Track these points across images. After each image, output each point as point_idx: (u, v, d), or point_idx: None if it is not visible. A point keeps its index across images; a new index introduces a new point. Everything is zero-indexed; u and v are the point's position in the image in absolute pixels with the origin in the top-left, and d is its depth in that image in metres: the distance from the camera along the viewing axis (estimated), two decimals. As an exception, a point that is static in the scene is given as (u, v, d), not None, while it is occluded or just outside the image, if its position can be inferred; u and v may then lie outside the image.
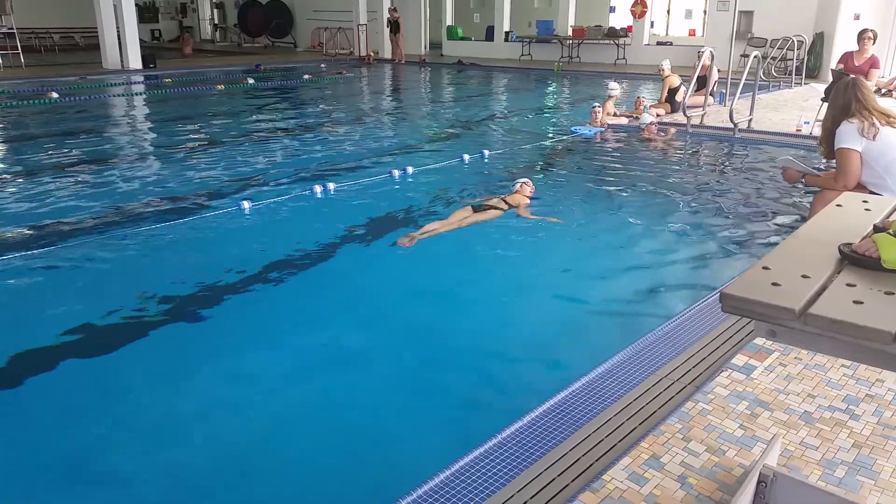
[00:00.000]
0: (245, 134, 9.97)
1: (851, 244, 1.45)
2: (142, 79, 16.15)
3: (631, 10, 19.77)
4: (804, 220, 5.66)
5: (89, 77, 15.66)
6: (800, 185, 6.98)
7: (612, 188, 6.84)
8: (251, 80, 15.69)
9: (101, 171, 7.66)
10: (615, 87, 10.53)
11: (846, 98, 3.81)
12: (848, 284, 1.32)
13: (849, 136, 3.70)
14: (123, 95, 13.93)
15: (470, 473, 2.39)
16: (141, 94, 14.31)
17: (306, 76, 17.22)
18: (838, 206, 1.80)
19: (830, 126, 3.87)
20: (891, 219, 1.60)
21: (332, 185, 6.69)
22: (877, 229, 1.53)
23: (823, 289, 1.31)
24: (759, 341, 3.30)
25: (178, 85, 14.91)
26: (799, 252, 1.49)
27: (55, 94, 12.74)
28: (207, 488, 2.71)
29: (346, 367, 3.59)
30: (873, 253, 1.39)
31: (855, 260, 1.41)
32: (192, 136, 9.77)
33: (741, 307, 1.30)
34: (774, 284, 1.32)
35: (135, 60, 17.27)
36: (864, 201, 1.83)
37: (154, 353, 3.74)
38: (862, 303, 1.24)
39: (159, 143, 9.53)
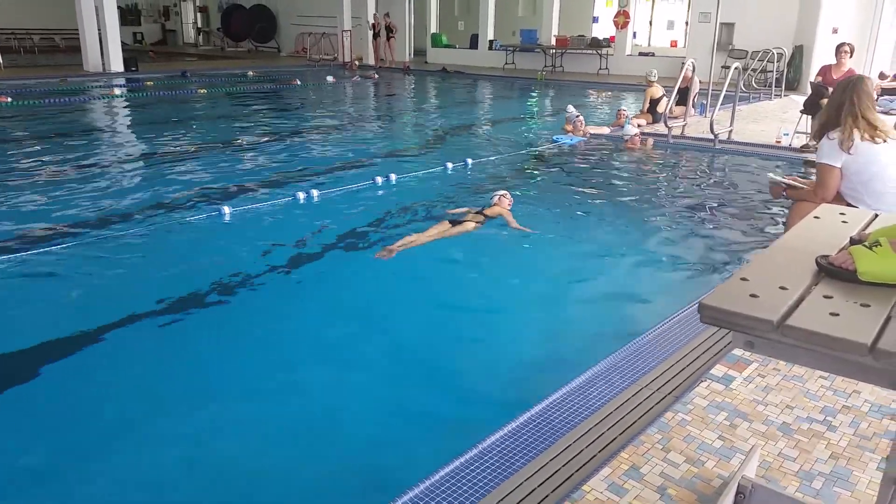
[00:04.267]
0: (226, 139, 9.90)
1: (829, 256, 1.46)
2: (123, 82, 16.01)
3: (614, 21, 19.95)
4: (783, 230, 5.72)
5: (70, 79, 15.50)
6: (780, 199, 7.06)
7: (594, 198, 6.86)
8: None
9: (78, 175, 7.56)
10: (572, 110, 10.51)
11: (842, 98, 3.70)
12: (825, 296, 1.33)
13: (829, 151, 3.68)
14: (104, 98, 13.79)
15: (450, 484, 2.37)
16: (122, 96, 14.18)
17: (296, 82, 17.07)
18: (816, 218, 1.81)
19: (822, 124, 3.81)
20: (867, 231, 1.61)
21: (315, 192, 6.65)
22: (853, 242, 1.54)
23: (801, 300, 1.31)
24: (738, 352, 3.31)
25: (160, 88, 14.79)
26: (777, 263, 1.49)
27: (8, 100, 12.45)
28: (190, 497, 2.67)
29: (324, 376, 3.56)
30: (850, 265, 1.40)
31: (832, 272, 1.41)
32: (172, 140, 9.68)
33: (719, 318, 1.30)
34: (752, 296, 1.32)
35: (116, 63, 17.12)
36: (842, 213, 1.84)
37: (130, 363, 3.68)
38: (838, 315, 1.24)
39: (138, 147, 9.44)
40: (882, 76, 13.13)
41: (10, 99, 12.44)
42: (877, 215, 1.84)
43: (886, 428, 2.69)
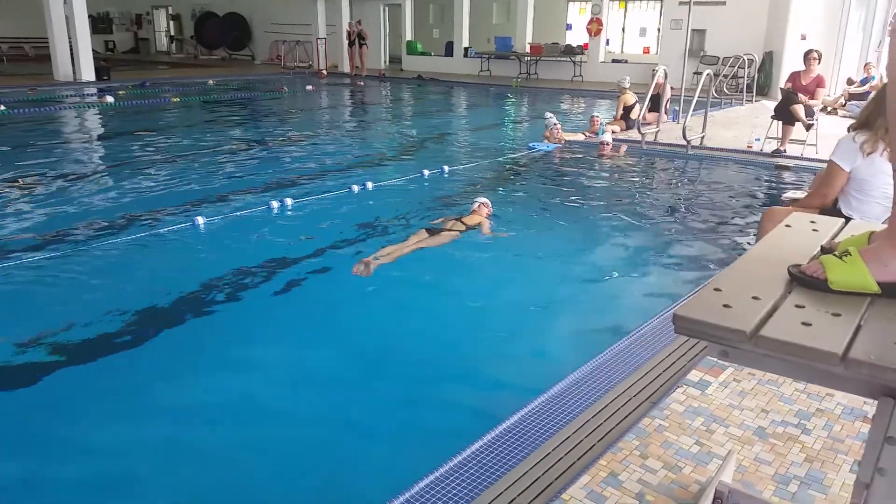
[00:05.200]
0: (199, 148, 9.81)
1: (800, 265, 1.47)
2: (94, 91, 15.81)
3: (587, 28, 20.14)
4: (755, 235, 5.80)
5: (39, 88, 15.28)
6: (752, 203, 7.17)
7: (570, 205, 6.90)
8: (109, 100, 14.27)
9: (47, 186, 7.43)
10: (550, 116, 10.55)
11: (879, 106, 3.34)
12: (797, 306, 1.34)
13: (846, 152, 3.45)
14: (75, 107, 13.60)
15: (428, 497, 2.36)
16: (93, 105, 14.00)
17: (284, 89, 16.89)
18: (787, 226, 1.83)
19: (856, 124, 3.53)
20: (836, 240, 1.63)
21: (289, 201, 6.61)
22: (824, 251, 1.56)
23: (774, 310, 1.33)
24: (713, 356, 3.34)
25: (132, 98, 14.63)
26: (750, 273, 1.51)
27: (2, 107, 12.34)
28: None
29: (300, 387, 3.53)
30: (821, 274, 1.42)
31: (803, 281, 1.43)
32: (144, 149, 9.56)
33: (693, 328, 1.31)
34: (726, 306, 1.34)
35: (88, 72, 16.91)
36: (812, 221, 1.86)
37: (100, 378, 3.60)
38: (810, 324, 1.25)
39: (110, 156, 9.33)
40: (850, 82, 13.42)
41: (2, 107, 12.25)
42: (847, 222, 1.87)
43: (858, 430, 2.73)
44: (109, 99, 14.10)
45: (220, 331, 4.18)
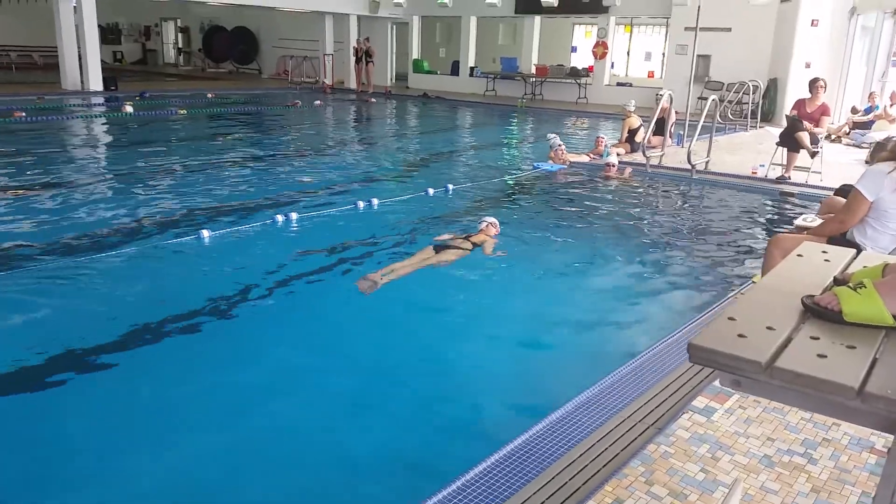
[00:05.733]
0: (205, 161, 9.85)
1: (814, 296, 1.48)
2: (102, 101, 15.90)
3: (593, 51, 20.28)
4: (762, 262, 5.80)
5: (47, 97, 15.36)
6: (756, 229, 7.18)
7: (575, 227, 6.91)
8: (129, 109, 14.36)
9: (53, 196, 7.44)
10: (553, 137, 10.56)
11: None
12: (812, 337, 1.34)
13: (871, 181, 3.43)
14: (82, 117, 13.68)
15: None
16: (101, 116, 14.07)
17: (297, 103, 16.92)
18: (799, 256, 1.84)
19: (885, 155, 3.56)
20: (849, 271, 1.64)
21: (294, 215, 6.62)
22: (837, 282, 1.56)
23: (788, 341, 1.33)
24: (718, 383, 3.33)
25: (140, 109, 14.70)
26: (763, 303, 1.51)
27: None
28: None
29: (302, 404, 3.51)
30: (835, 306, 1.42)
31: (818, 313, 1.43)
32: (150, 161, 9.59)
33: (708, 358, 1.31)
34: (740, 336, 1.34)
35: (96, 82, 17.02)
36: (824, 251, 1.87)
37: (100, 388, 3.60)
38: (826, 356, 1.25)
39: (116, 168, 9.34)
40: (854, 111, 13.48)
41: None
42: (859, 252, 1.87)
43: (866, 461, 2.72)
44: (129, 108, 14.23)
45: (219, 346, 4.16)
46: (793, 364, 1.22)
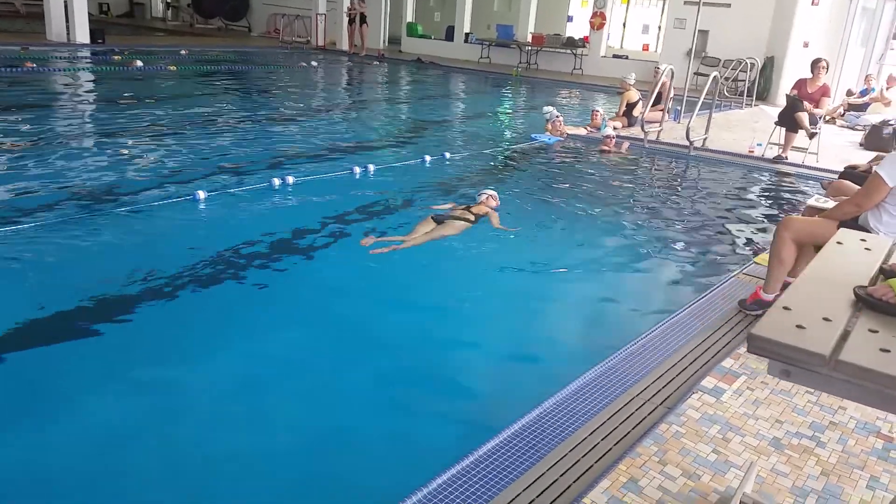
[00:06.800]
0: (197, 119, 9.65)
1: (866, 287, 1.45)
2: (89, 54, 15.50)
3: (590, 21, 20.05)
4: (759, 238, 5.81)
5: (32, 48, 14.95)
6: (754, 208, 7.19)
7: (575, 202, 6.84)
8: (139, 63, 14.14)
9: (37, 152, 7.21)
10: (550, 109, 10.46)
11: None
12: (870, 330, 1.32)
13: (893, 167, 3.41)
14: (69, 70, 13.33)
15: (445, 494, 2.34)
16: (88, 69, 13.72)
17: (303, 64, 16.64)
18: (839, 243, 1.81)
19: None
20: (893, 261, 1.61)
21: (290, 178, 6.52)
22: (885, 272, 1.54)
23: (846, 333, 1.31)
24: (726, 363, 3.34)
25: (129, 63, 14.34)
26: (815, 292, 1.49)
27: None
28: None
29: (302, 376, 3.44)
30: (890, 298, 1.40)
31: (872, 304, 1.41)
32: (141, 118, 9.38)
33: (769, 349, 1.28)
34: (799, 327, 1.31)
35: (82, 34, 16.55)
36: (863, 240, 1.85)
37: (91, 357, 3.49)
38: (889, 351, 1.23)
39: (106, 124, 9.11)
40: (849, 93, 13.49)
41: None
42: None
43: (873, 445, 2.74)
44: (139, 63, 14.04)
45: (210, 311, 4.07)
46: (857, 358, 1.20)
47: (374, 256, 4.81)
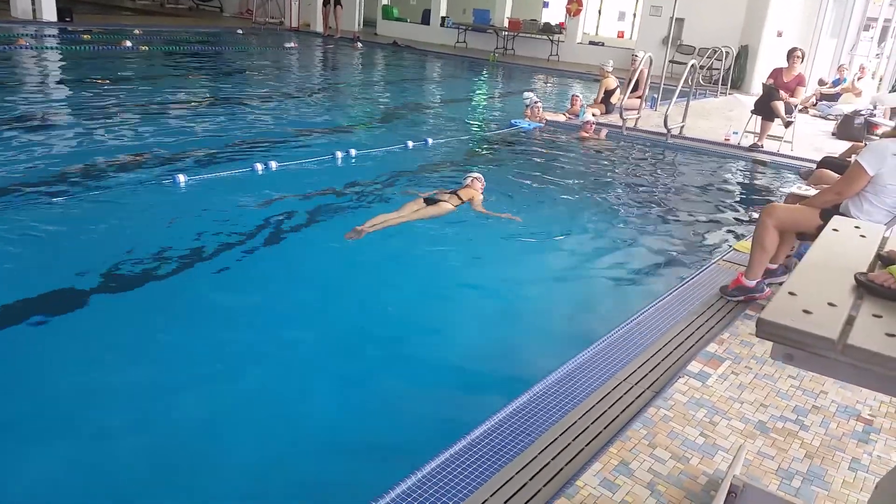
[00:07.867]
0: (171, 101, 9.49)
1: (867, 274, 1.48)
2: (56, 32, 15.10)
3: (566, 8, 20.01)
4: (737, 226, 5.90)
5: (-3, 25, 14.53)
6: (730, 196, 7.28)
7: (556, 188, 6.87)
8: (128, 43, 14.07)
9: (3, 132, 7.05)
10: (529, 94, 10.48)
11: None
12: (874, 315, 1.35)
13: (873, 156, 3.45)
14: (35, 48, 12.97)
15: (440, 478, 2.35)
16: (55, 48, 13.36)
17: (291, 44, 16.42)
18: (835, 230, 1.84)
19: None
20: (889, 248, 1.65)
21: (273, 164, 6.44)
22: (883, 259, 1.57)
23: (851, 318, 1.33)
24: (711, 348, 3.39)
25: (98, 43, 14.01)
26: (817, 278, 1.52)
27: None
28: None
29: (285, 363, 3.43)
30: (892, 285, 1.43)
31: (874, 290, 1.44)
32: (114, 99, 9.19)
33: (777, 333, 1.30)
34: (806, 312, 1.33)
35: (49, 12, 16.10)
36: (857, 227, 1.88)
37: (67, 341, 3.43)
38: (894, 335, 1.26)
39: (77, 105, 8.91)
40: (821, 83, 13.69)
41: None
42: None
43: (853, 428, 2.81)
44: (128, 43, 13.99)
45: (193, 297, 4.02)
46: (865, 342, 1.23)
47: (353, 245, 4.77)
